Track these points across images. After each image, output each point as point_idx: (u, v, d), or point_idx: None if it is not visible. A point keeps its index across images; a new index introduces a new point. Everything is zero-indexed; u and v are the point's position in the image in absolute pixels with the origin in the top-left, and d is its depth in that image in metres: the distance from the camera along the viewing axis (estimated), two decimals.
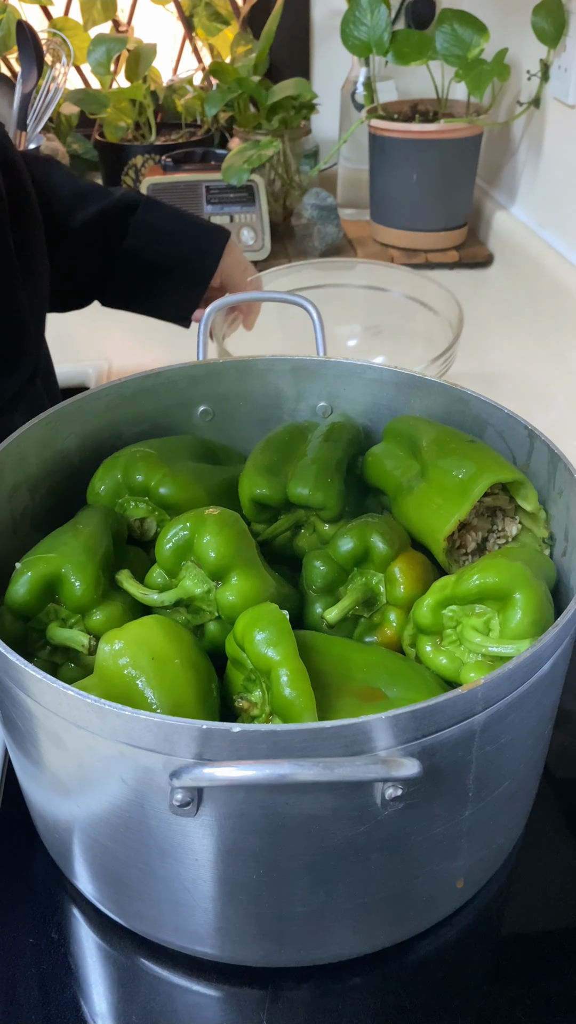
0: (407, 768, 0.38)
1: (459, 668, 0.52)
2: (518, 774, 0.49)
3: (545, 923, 0.55)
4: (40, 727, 0.45)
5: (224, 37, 1.51)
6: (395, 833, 0.44)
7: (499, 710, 0.43)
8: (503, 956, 0.53)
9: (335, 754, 0.39)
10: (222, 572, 0.54)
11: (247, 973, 0.52)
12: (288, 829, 0.42)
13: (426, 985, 0.52)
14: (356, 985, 0.51)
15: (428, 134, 1.32)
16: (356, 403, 0.70)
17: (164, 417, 0.69)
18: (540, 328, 1.23)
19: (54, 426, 0.62)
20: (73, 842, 0.50)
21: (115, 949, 0.54)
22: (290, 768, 0.37)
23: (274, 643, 0.47)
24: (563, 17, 1.20)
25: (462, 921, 0.55)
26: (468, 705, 0.41)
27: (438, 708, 0.40)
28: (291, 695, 0.45)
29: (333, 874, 0.45)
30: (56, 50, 1.35)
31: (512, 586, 0.50)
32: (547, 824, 0.60)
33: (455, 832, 0.47)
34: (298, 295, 0.76)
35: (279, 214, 1.49)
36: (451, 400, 0.66)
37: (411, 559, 0.58)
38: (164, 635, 0.49)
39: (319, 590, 0.59)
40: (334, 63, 1.58)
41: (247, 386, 0.71)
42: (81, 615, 0.55)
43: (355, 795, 0.41)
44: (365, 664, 0.52)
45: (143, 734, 0.40)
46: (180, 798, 0.39)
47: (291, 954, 0.50)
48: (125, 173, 1.43)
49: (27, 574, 0.53)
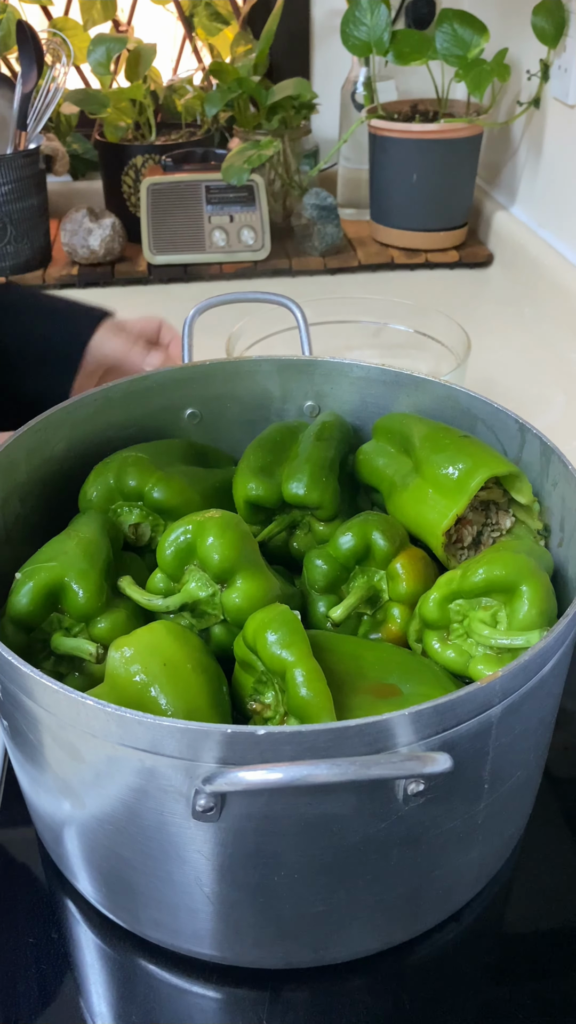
0: (440, 763, 0.38)
1: (467, 661, 0.52)
2: (528, 764, 0.50)
3: (545, 923, 0.55)
4: (54, 738, 0.44)
5: (224, 37, 1.51)
6: (415, 828, 0.44)
7: (514, 701, 0.43)
8: (504, 956, 0.53)
9: (358, 752, 0.39)
10: (227, 575, 0.53)
11: (247, 974, 0.52)
12: (310, 829, 0.42)
13: (427, 985, 0.52)
14: (356, 986, 0.51)
15: (428, 134, 1.32)
16: (344, 402, 0.70)
17: (152, 421, 0.69)
18: (540, 328, 1.23)
19: (43, 433, 0.62)
20: (81, 850, 0.50)
21: (115, 951, 0.53)
22: (323, 768, 0.37)
23: (287, 644, 0.47)
24: (563, 17, 1.20)
25: (463, 921, 0.55)
26: (487, 697, 0.41)
27: (459, 702, 0.40)
28: (308, 695, 0.45)
29: (353, 872, 0.45)
30: (56, 50, 1.35)
31: (518, 578, 0.50)
32: (547, 823, 0.60)
33: (471, 824, 0.47)
34: (280, 296, 0.76)
35: (279, 214, 1.49)
36: (440, 396, 0.65)
37: (412, 555, 0.58)
38: (174, 640, 0.49)
39: (321, 589, 0.59)
40: (334, 63, 1.58)
41: (234, 388, 0.70)
42: (85, 623, 0.54)
43: (378, 792, 0.41)
44: (377, 661, 0.52)
45: (166, 741, 0.39)
46: (203, 804, 0.39)
47: (308, 954, 0.50)
48: (125, 173, 1.43)
49: (28, 584, 0.52)
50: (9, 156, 1.30)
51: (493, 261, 1.43)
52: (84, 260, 1.38)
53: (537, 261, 1.28)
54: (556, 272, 1.23)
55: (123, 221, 1.42)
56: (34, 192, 1.35)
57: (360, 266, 1.40)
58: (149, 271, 1.38)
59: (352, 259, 1.40)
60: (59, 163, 1.50)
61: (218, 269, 1.38)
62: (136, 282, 1.38)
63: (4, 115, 1.38)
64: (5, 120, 1.38)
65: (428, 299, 1.32)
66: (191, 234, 1.38)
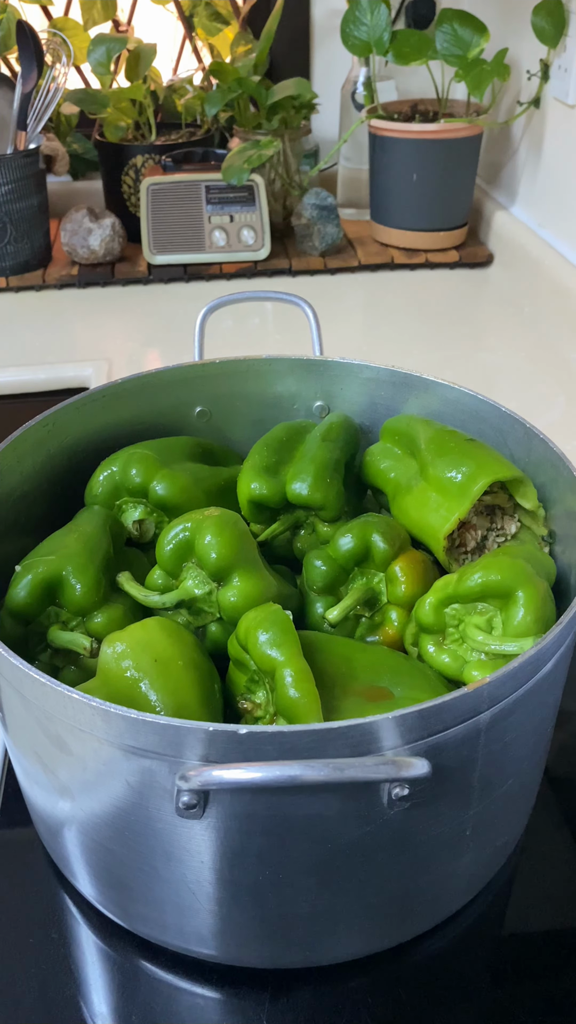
0: (416, 768, 0.38)
1: (462, 666, 0.52)
2: (521, 772, 0.49)
3: (545, 923, 0.55)
4: (44, 731, 0.45)
5: (224, 37, 1.51)
6: (401, 833, 0.44)
7: (504, 708, 0.43)
8: (504, 956, 0.53)
9: (342, 754, 0.39)
10: (223, 573, 0.54)
11: (247, 974, 0.52)
12: (294, 830, 0.42)
13: (427, 986, 0.52)
14: (356, 987, 0.51)
15: (428, 134, 1.32)
16: (353, 402, 0.70)
17: (161, 418, 0.69)
18: (540, 328, 1.23)
19: (51, 428, 0.62)
20: (75, 845, 0.50)
21: (115, 951, 0.53)
22: (300, 769, 0.37)
23: (278, 643, 0.47)
24: (563, 17, 1.20)
25: (463, 922, 0.55)
26: (474, 704, 0.41)
27: (445, 707, 0.40)
28: (295, 696, 0.45)
29: (339, 874, 0.45)
30: (56, 50, 1.35)
31: (514, 584, 0.50)
32: (547, 824, 0.60)
33: (460, 830, 0.47)
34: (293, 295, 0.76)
35: (279, 214, 1.49)
36: (448, 399, 0.66)
37: (412, 558, 0.58)
38: (166, 637, 0.49)
39: (320, 590, 0.59)
40: (334, 63, 1.58)
41: (244, 386, 0.71)
42: (82, 618, 0.54)
43: (362, 795, 0.41)
44: (369, 663, 0.52)
45: (149, 737, 0.40)
46: (186, 801, 0.39)
47: (297, 955, 0.50)
48: (125, 173, 1.43)
49: (27, 577, 0.53)
50: (9, 156, 1.30)
51: (493, 261, 1.43)
52: (84, 260, 1.38)
53: (537, 261, 1.28)
54: (556, 272, 1.23)
55: (123, 221, 1.42)
56: (34, 192, 1.35)
57: (360, 266, 1.40)
58: (149, 271, 1.38)
59: (352, 259, 1.40)
60: (59, 163, 1.50)
61: (218, 269, 1.38)
62: (136, 282, 1.38)
63: (4, 115, 1.38)
64: (5, 120, 1.38)
65: (428, 299, 1.32)
66: (191, 234, 1.38)
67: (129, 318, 1.27)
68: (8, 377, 1.13)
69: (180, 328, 1.21)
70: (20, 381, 1.13)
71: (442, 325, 1.24)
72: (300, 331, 0.75)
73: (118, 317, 1.27)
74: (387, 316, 1.28)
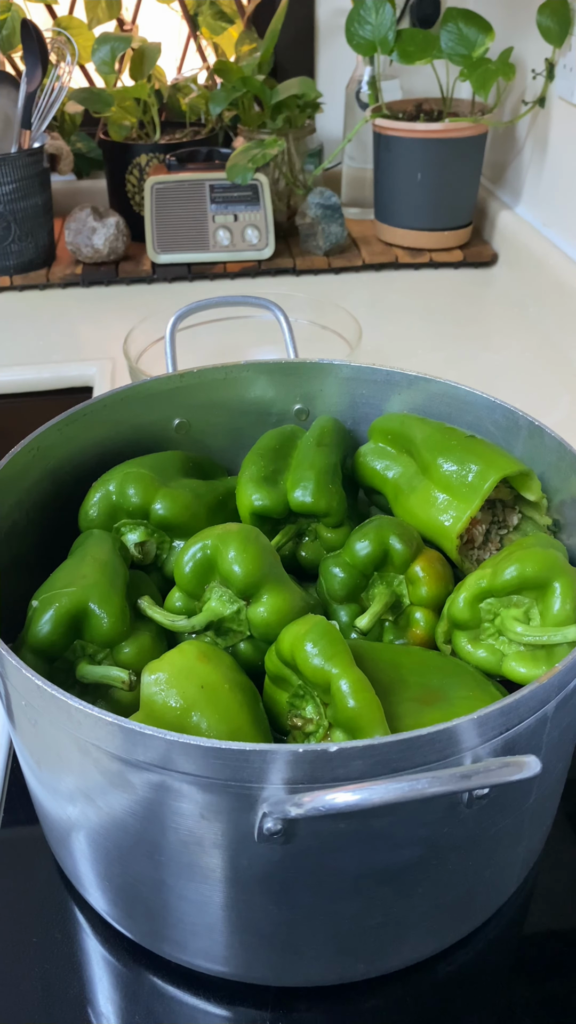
0: (531, 767, 0.38)
1: (500, 660, 0.52)
2: (568, 755, 0.50)
3: (567, 923, 0.55)
4: (102, 772, 0.42)
5: (229, 36, 1.51)
6: (473, 830, 0.44)
7: (566, 695, 0.43)
8: (524, 966, 0.53)
9: (428, 760, 0.38)
10: (252, 590, 0.52)
11: (255, 991, 0.50)
12: (374, 841, 0.41)
13: (441, 992, 0.51)
14: (371, 1006, 0.50)
15: (433, 133, 1.32)
16: (334, 403, 0.69)
17: (139, 433, 0.67)
18: (545, 328, 1.23)
19: (36, 453, 0.60)
20: (105, 876, 0.48)
21: (122, 962, 0.53)
22: (426, 783, 0.36)
23: (329, 655, 0.45)
24: (568, 16, 1.20)
25: (476, 935, 0.54)
26: (545, 694, 0.42)
27: (523, 701, 0.40)
28: (356, 706, 0.44)
29: (414, 879, 0.44)
30: (60, 49, 1.35)
31: (550, 574, 0.50)
32: (562, 825, 0.60)
33: (521, 819, 0.47)
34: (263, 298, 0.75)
35: (283, 213, 1.49)
36: (432, 394, 0.65)
37: (430, 558, 0.58)
38: (207, 661, 0.47)
39: (341, 598, 0.58)
40: (339, 62, 1.58)
41: (221, 395, 0.69)
42: (110, 650, 0.52)
43: (444, 798, 0.40)
44: (415, 666, 0.51)
45: (230, 766, 0.38)
46: (271, 828, 0.37)
47: (366, 967, 0.49)
48: (129, 172, 1.43)
49: (49, 611, 0.49)
50: (13, 155, 1.30)
51: (497, 260, 1.42)
52: (88, 259, 1.38)
53: (542, 261, 1.28)
54: (561, 271, 1.23)
55: (127, 220, 1.42)
56: (38, 191, 1.35)
57: (364, 265, 1.40)
58: (153, 270, 1.38)
59: (356, 258, 1.40)
60: (63, 162, 1.49)
61: (222, 268, 1.38)
62: (140, 281, 1.37)
63: (8, 114, 1.38)
64: (9, 119, 1.38)
65: (432, 298, 1.32)
66: (195, 233, 1.37)
67: (133, 317, 1.27)
68: (12, 376, 1.13)
69: (184, 327, 1.20)
70: (24, 380, 1.13)
71: (446, 325, 1.24)
72: (300, 331, 0.74)
73: (122, 316, 1.26)
74: (391, 316, 1.27)
